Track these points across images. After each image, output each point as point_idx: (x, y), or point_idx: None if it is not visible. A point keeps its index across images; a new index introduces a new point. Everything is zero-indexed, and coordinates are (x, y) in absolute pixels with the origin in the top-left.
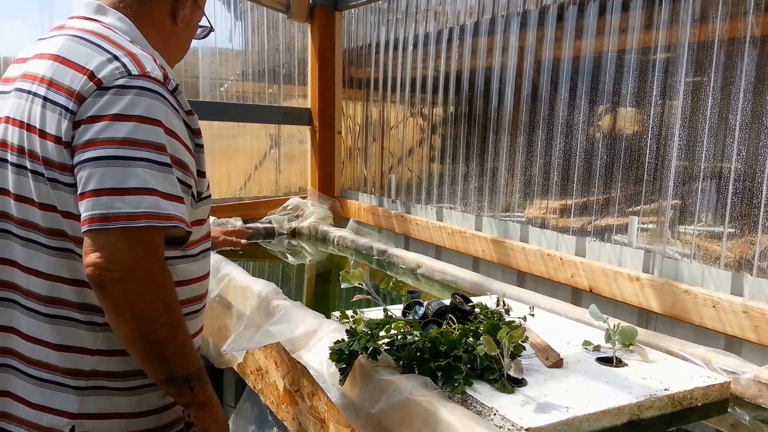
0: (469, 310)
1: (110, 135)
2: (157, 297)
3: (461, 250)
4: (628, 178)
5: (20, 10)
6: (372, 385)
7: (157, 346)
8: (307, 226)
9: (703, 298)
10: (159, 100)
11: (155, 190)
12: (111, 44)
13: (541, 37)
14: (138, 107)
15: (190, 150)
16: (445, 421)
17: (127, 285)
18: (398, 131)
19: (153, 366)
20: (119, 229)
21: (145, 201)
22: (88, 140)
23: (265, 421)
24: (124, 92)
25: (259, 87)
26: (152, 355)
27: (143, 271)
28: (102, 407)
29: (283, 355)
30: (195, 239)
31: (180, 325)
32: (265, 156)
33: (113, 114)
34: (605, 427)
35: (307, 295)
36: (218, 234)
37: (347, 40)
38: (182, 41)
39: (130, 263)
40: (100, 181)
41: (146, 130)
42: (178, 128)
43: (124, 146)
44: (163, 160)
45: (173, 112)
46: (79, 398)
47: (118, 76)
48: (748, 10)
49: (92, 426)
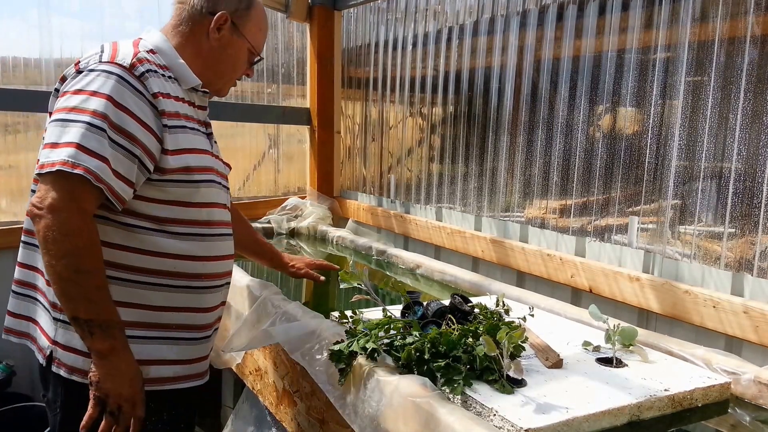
0: (469, 310)
1: (66, 104)
2: (68, 240)
3: (461, 250)
4: (628, 177)
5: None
6: (371, 386)
7: (63, 283)
8: (306, 226)
9: (703, 299)
10: (115, 80)
11: (79, 144)
12: (113, 44)
13: (540, 37)
14: (94, 84)
15: (147, 127)
16: (444, 422)
17: (45, 223)
18: (397, 131)
19: (62, 302)
20: (46, 174)
21: (65, 151)
22: (56, 108)
23: (264, 422)
24: (89, 73)
25: (258, 86)
26: (59, 291)
27: (60, 213)
28: (65, 339)
29: (282, 355)
30: (180, 219)
31: (88, 272)
32: (263, 156)
33: (75, 89)
34: (605, 427)
35: (306, 295)
36: (302, 266)
37: (346, 40)
38: (220, 60)
39: (50, 204)
40: (47, 137)
41: (94, 102)
42: (135, 106)
43: (71, 112)
44: (99, 124)
45: (131, 92)
46: (55, 327)
47: (92, 63)
48: (749, 10)
49: (62, 354)
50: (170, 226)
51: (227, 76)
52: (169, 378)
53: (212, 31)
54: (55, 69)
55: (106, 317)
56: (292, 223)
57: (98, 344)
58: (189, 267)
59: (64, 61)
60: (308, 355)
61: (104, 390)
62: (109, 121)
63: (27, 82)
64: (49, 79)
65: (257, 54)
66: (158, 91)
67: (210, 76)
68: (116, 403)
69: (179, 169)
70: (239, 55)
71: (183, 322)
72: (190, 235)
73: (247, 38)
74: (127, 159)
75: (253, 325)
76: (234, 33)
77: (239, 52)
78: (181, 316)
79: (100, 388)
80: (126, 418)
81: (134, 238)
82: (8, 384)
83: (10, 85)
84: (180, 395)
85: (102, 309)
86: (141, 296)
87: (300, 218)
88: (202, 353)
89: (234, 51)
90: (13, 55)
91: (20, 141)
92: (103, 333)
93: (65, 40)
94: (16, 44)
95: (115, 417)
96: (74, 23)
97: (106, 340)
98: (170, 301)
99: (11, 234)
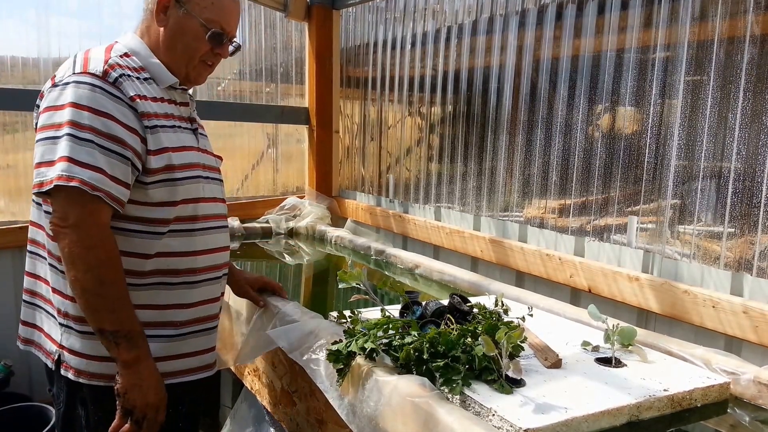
0: (468, 310)
1: (50, 121)
2: (90, 253)
3: (459, 250)
4: (627, 177)
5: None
6: (370, 386)
7: (88, 296)
8: (304, 225)
9: (702, 299)
10: (89, 89)
11: (70, 158)
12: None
13: (539, 36)
14: (71, 97)
15: (131, 129)
16: (443, 422)
17: (69, 239)
18: (396, 130)
19: (87, 314)
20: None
21: (59, 166)
22: (39, 126)
23: (263, 422)
24: (64, 87)
25: (257, 86)
26: (85, 304)
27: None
28: (71, 344)
29: (281, 355)
30: (163, 218)
31: (111, 283)
32: (262, 155)
33: (56, 105)
34: (604, 427)
35: (305, 295)
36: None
37: (345, 39)
38: (177, 46)
39: (70, 221)
40: (38, 156)
41: (75, 114)
42: (114, 110)
43: (57, 128)
44: (85, 136)
45: (108, 98)
46: (61, 332)
47: (66, 76)
48: (748, 9)
49: (68, 358)
50: (157, 226)
51: (188, 59)
52: (182, 371)
53: (158, 15)
54: (53, 68)
55: (130, 327)
56: (291, 223)
57: (124, 354)
58: (182, 263)
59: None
60: (307, 355)
61: (131, 401)
62: (96, 131)
63: (25, 82)
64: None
65: (213, 28)
66: (135, 94)
67: (174, 64)
68: (142, 412)
69: (162, 168)
70: (194, 33)
71: (190, 317)
72: (178, 231)
73: (194, 14)
74: (122, 163)
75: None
76: (181, 11)
77: (193, 31)
78: (187, 312)
79: (127, 400)
80: (150, 426)
81: (128, 242)
82: (7, 384)
83: (9, 84)
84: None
85: (126, 319)
86: (145, 297)
87: (298, 218)
88: (209, 344)
89: (187, 30)
90: (12, 55)
91: (18, 140)
92: (128, 343)
93: (63, 40)
94: (14, 43)
95: (140, 425)
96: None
97: (132, 350)
98: (171, 298)
99: (9, 234)
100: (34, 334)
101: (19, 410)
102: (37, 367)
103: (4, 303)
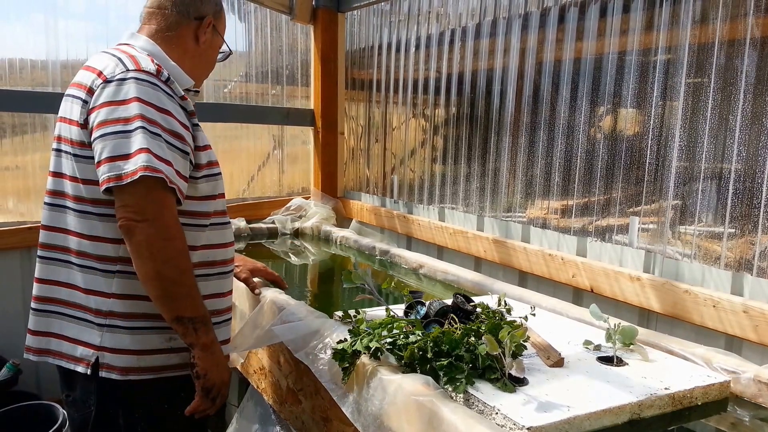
0: (471, 309)
1: (114, 115)
2: (170, 244)
3: (463, 250)
4: (628, 178)
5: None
6: (374, 385)
7: (167, 284)
8: (310, 226)
9: (703, 298)
10: (150, 87)
11: (150, 150)
12: (122, 53)
13: (542, 39)
14: (133, 92)
15: (185, 126)
16: (447, 420)
17: (147, 231)
18: (400, 132)
19: (165, 304)
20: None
21: (141, 158)
22: (101, 121)
23: (269, 420)
24: (122, 82)
25: (263, 88)
26: (163, 294)
27: (158, 220)
28: (116, 343)
29: (287, 354)
30: (206, 212)
31: (188, 271)
32: (268, 157)
33: (115, 100)
34: (606, 426)
35: (310, 295)
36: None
37: (350, 42)
38: (205, 60)
39: (149, 213)
40: (111, 150)
41: (141, 108)
42: (171, 108)
43: (125, 123)
44: (155, 130)
45: (165, 96)
46: (100, 333)
47: (118, 72)
48: (748, 12)
49: (111, 358)
50: (203, 219)
51: (208, 72)
52: None
53: (201, 35)
54: (61, 70)
55: (204, 312)
56: (296, 224)
57: (203, 338)
58: (218, 255)
59: (70, 63)
60: (312, 354)
61: (212, 380)
62: (161, 126)
63: (34, 84)
64: (55, 80)
65: (229, 50)
66: (183, 93)
67: (196, 71)
68: (219, 389)
69: (206, 164)
70: (216, 52)
71: (217, 307)
72: (216, 225)
73: (222, 37)
74: (182, 158)
75: (257, 325)
76: (214, 34)
77: (216, 50)
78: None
79: (209, 379)
80: (222, 401)
81: None
82: (15, 382)
83: (17, 86)
84: None
85: (200, 305)
86: None
87: (304, 218)
88: (226, 335)
89: (214, 49)
90: (20, 57)
91: (27, 142)
92: (205, 327)
93: (71, 42)
94: (23, 46)
95: (215, 401)
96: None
97: (209, 333)
98: (209, 288)
99: (18, 234)
100: (51, 342)
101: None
102: (45, 366)
103: (12, 303)
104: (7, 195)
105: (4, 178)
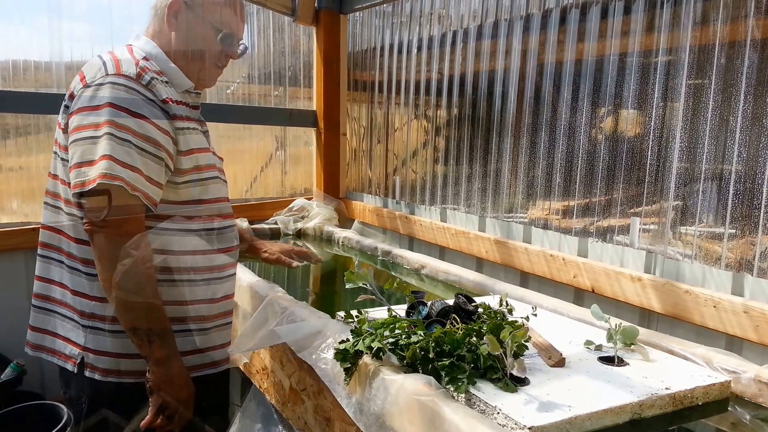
0: (473, 310)
1: (87, 121)
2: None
3: (465, 251)
4: (629, 179)
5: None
6: (376, 385)
7: (122, 293)
8: (312, 226)
9: (704, 298)
10: (124, 91)
11: (112, 156)
12: (111, 57)
13: (543, 41)
14: (107, 97)
15: (164, 131)
16: (448, 420)
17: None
18: (402, 133)
19: (120, 314)
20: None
21: (102, 165)
22: (75, 126)
23: (271, 420)
24: (99, 87)
25: (265, 89)
26: (118, 303)
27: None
28: (98, 344)
29: (289, 354)
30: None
31: (146, 282)
32: (270, 158)
33: (89, 106)
34: (607, 425)
35: (312, 295)
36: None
37: (352, 43)
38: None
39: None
40: (77, 156)
41: (111, 113)
42: (148, 112)
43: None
44: (123, 135)
45: (143, 100)
46: (84, 334)
47: (99, 77)
48: (749, 13)
49: (94, 359)
50: (185, 223)
51: (201, 62)
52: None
53: (169, 20)
54: (65, 71)
55: (163, 325)
56: (299, 224)
57: (157, 352)
58: (207, 260)
59: (74, 64)
60: (315, 354)
61: (165, 397)
62: (132, 131)
63: (38, 85)
64: (60, 81)
65: (224, 29)
66: (166, 97)
67: (188, 68)
68: (175, 408)
69: (192, 168)
70: (206, 36)
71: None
72: (206, 230)
73: (204, 17)
74: (156, 164)
75: (259, 326)
76: (191, 15)
77: (204, 33)
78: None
79: (161, 395)
80: (180, 420)
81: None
82: (19, 382)
83: (21, 87)
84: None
85: (158, 317)
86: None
87: (306, 219)
88: (224, 340)
89: (199, 33)
90: (24, 59)
91: (31, 143)
92: (161, 341)
93: (75, 43)
94: (27, 48)
95: (171, 419)
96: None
97: (164, 348)
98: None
99: (22, 235)
100: (46, 339)
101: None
102: (49, 366)
103: (17, 303)
104: (12, 196)
105: (8, 179)
